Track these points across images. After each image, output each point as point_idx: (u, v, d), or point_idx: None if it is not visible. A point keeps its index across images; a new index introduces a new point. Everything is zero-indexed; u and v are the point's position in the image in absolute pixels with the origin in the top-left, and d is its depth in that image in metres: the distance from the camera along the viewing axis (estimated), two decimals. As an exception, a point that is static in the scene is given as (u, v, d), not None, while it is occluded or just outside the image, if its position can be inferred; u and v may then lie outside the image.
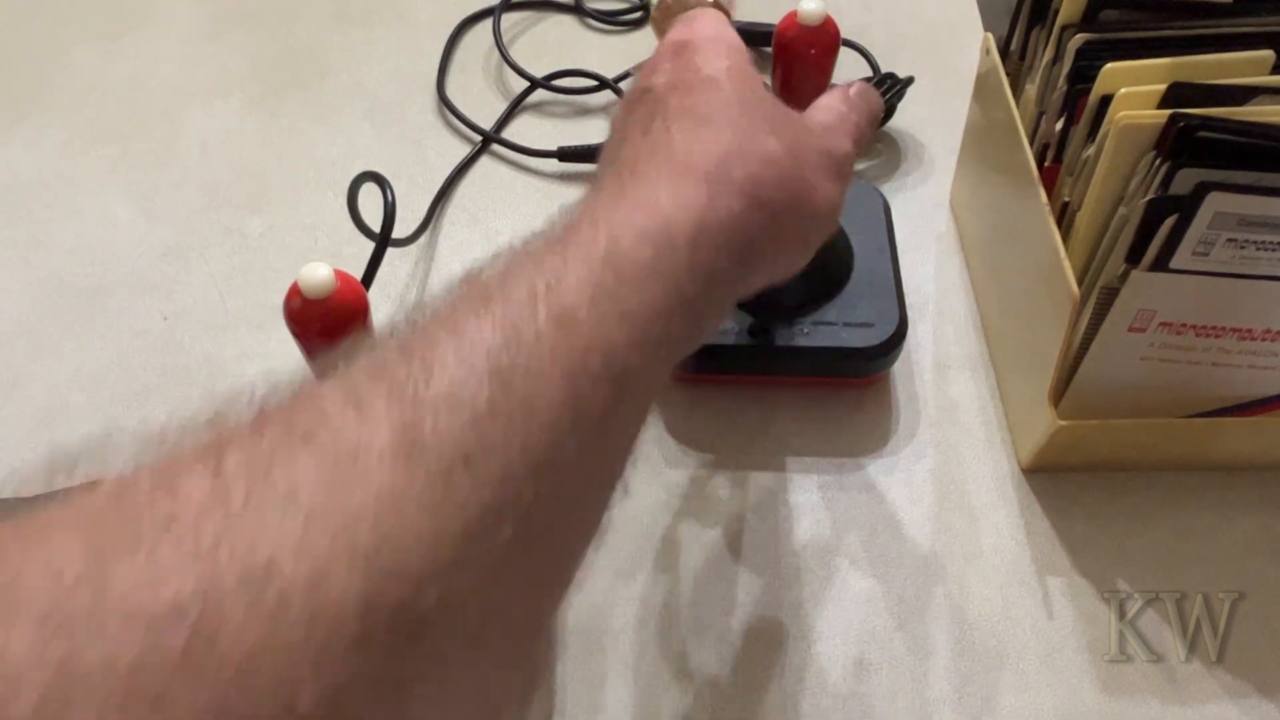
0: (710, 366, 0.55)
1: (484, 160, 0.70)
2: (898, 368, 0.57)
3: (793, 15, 0.46)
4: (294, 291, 0.35)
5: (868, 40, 0.78)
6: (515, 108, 0.72)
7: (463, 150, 0.70)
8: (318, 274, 0.35)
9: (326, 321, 0.36)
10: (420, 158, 0.70)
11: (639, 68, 0.41)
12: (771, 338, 0.54)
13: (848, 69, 0.70)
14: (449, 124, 0.73)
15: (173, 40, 0.79)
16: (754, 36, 0.62)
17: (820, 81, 0.47)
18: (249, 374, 0.59)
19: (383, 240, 0.57)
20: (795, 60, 0.47)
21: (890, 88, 0.66)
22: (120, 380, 0.59)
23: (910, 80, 0.67)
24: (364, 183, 0.58)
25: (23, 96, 0.74)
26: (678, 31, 0.41)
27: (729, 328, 0.54)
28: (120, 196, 0.68)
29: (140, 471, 0.25)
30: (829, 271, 0.56)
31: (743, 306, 0.54)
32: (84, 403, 0.58)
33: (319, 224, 0.66)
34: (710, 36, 0.40)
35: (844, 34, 0.79)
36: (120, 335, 0.61)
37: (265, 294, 0.63)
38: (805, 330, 0.54)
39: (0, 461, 0.55)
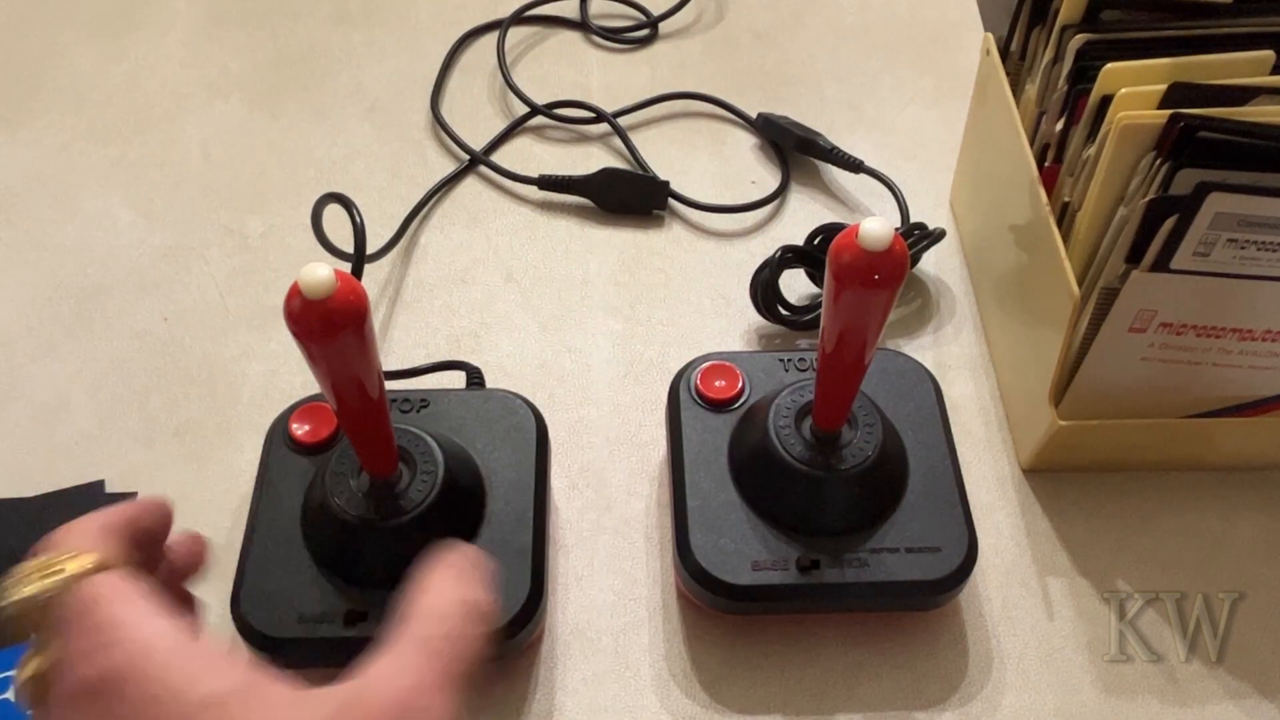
0: (751, 608, 0.47)
1: (470, 177, 0.69)
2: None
3: (851, 234, 0.37)
4: (294, 292, 0.35)
5: (869, 40, 0.78)
6: (510, 131, 0.71)
7: (460, 154, 0.70)
8: (317, 274, 0.34)
9: (327, 322, 0.35)
10: (421, 158, 0.70)
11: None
12: (821, 573, 0.46)
13: (874, 202, 0.67)
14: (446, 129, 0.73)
15: (173, 40, 0.79)
16: (805, 255, 0.59)
17: (878, 319, 0.40)
18: (249, 374, 0.59)
19: (358, 261, 0.57)
20: (850, 290, 0.39)
21: (918, 239, 0.60)
22: (120, 380, 0.59)
23: (941, 234, 0.61)
24: (328, 204, 0.58)
25: (23, 96, 0.74)
26: (78, 659, 0.29)
27: (771, 560, 0.46)
28: (120, 196, 0.68)
29: None
30: (885, 486, 0.48)
31: (788, 532, 0.47)
32: (84, 403, 0.58)
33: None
34: (131, 659, 0.29)
35: (843, 34, 0.80)
36: (120, 335, 0.61)
37: (265, 294, 0.63)
38: (862, 560, 0.46)
39: (0, 461, 0.55)
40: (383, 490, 0.46)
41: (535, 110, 0.72)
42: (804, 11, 0.81)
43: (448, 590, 0.34)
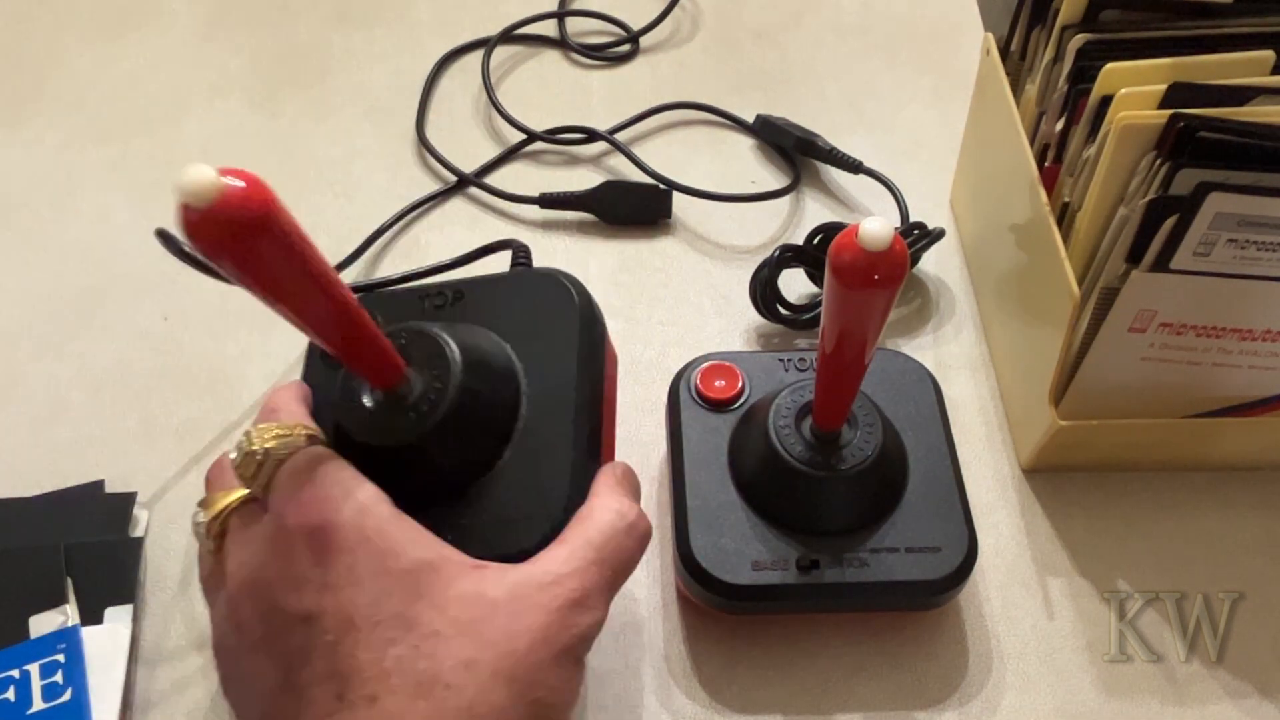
0: (750, 608, 0.47)
1: (458, 200, 0.68)
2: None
3: (850, 234, 0.37)
4: (183, 204, 0.28)
5: (869, 40, 0.78)
6: (505, 158, 0.70)
7: (449, 175, 0.70)
8: (195, 177, 0.28)
9: (228, 231, 0.29)
10: (422, 158, 0.70)
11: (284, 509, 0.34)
12: (821, 573, 0.46)
13: (873, 202, 0.67)
14: (442, 142, 0.73)
15: (173, 40, 0.79)
16: (804, 254, 0.59)
17: (878, 319, 0.39)
18: (249, 374, 0.59)
19: None
20: (850, 290, 0.38)
21: (918, 238, 0.60)
22: (120, 380, 0.59)
23: (941, 233, 0.61)
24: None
25: (23, 96, 0.74)
26: (299, 507, 0.34)
27: (771, 560, 0.46)
28: (120, 196, 0.68)
29: None
30: (885, 486, 0.48)
31: (788, 532, 0.47)
32: (84, 403, 0.58)
33: (319, 224, 0.66)
34: (349, 517, 0.34)
35: (843, 34, 0.80)
36: (120, 335, 0.61)
37: (265, 294, 0.63)
38: (862, 560, 0.46)
39: (0, 461, 0.55)
40: (392, 403, 0.39)
41: (532, 136, 0.70)
42: (804, 11, 0.81)
43: (610, 502, 0.38)
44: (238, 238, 0.30)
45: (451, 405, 0.38)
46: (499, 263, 0.53)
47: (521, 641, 0.33)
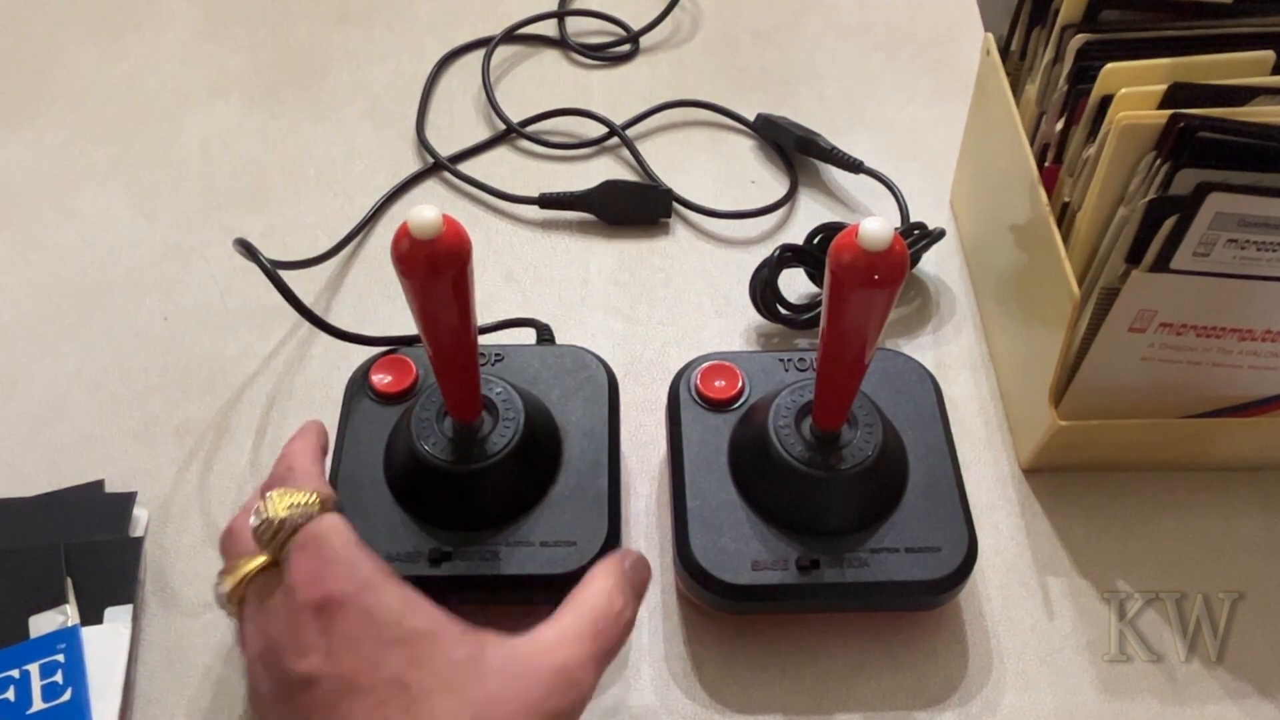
0: (750, 608, 0.47)
1: (458, 200, 0.68)
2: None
3: (850, 234, 0.37)
4: (403, 233, 0.37)
5: (869, 40, 0.78)
6: (491, 144, 0.71)
7: (458, 184, 0.70)
8: (426, 216, 0.37)
9: (432, 262, 0.38)
10: (422, 157, 0.70)
11: (277, 622, 0.37)
12: (821, 573, 0.46)
13: (873, 202, 0.67)
14: (443, 136, 0.73)
15: (172, 40, 0.79)
16: (804, 254, 0.59)
17: (878, 319, 0.40)
18: (249, 374, 0.59)
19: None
20: (850, 290, 0.38)
21: (918, 239, 0.60)
22: (120, 380, 0.59)
23: (941, 233, 0.61)
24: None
25: (23, 96, 0.74)
26: (307, 580, 0.37)
27: (771, 560, 0.46)
28: (120, 196, 0.68)
29: None
30: (885, 486, 0.48)
31: (788, 532, 0.47)
32: (84, 403, 0.58)
33: (319, 224, 0.66)
34: (353, 590, 0.37)
35: (843, 34, 0.80)
36: (120, 335, 0.61)
37: (265, 294, 0.62)
38: (862, 560, 0.46)
39: (0, 461, 0.55)
40: (466, 435, 0.47)
41: (511, 129, 0.71)
42: (804, 11, 0.81)
43: (606, 586, 0.40)
44: (440, 266, 0.38)
45: (517, 441, 0.47)
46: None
47: (508, 706, 0.36)
